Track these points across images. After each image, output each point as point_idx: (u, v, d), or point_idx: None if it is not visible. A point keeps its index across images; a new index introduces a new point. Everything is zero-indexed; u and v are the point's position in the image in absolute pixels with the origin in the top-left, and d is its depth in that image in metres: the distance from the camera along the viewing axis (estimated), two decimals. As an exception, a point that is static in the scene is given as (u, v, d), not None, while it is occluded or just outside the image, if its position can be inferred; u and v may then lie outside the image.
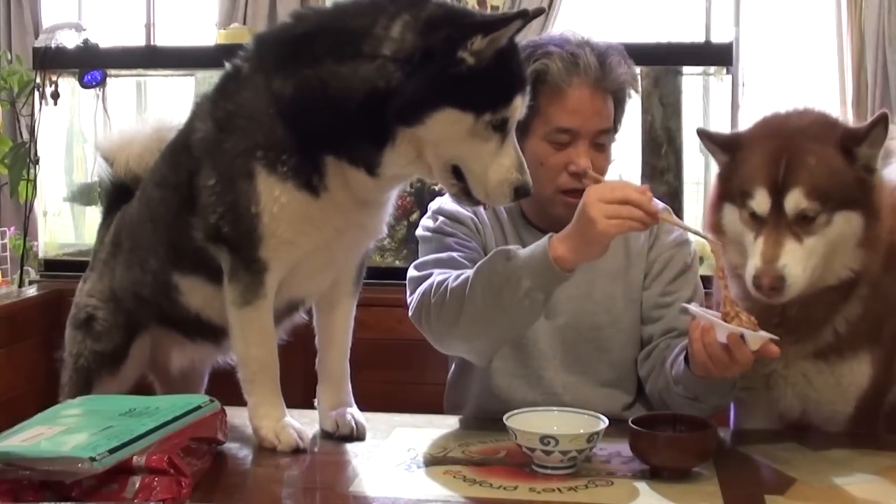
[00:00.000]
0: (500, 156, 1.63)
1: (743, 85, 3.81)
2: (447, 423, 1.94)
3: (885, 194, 1.73)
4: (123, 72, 3.48)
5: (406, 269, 1.99)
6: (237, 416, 1.82)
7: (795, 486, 1.59)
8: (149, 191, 1.97)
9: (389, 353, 2.78)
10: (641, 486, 1.58)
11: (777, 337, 1.62)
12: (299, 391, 1.96)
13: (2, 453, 1.44)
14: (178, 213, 1.82)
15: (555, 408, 1.77)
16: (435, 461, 1.70)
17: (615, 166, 2.05)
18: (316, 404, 1.89)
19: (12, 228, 3.47)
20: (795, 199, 1.64)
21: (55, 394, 2.08)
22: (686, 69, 3.26)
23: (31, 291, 3.17)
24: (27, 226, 3.31)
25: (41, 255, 3.39)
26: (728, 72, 3.19)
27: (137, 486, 1.44)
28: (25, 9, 4.56)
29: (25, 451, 1.45)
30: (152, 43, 4.54)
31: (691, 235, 2.01)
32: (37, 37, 4.00)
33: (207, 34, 4.29)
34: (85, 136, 3.58)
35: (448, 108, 1.57)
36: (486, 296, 1.76)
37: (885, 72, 4.02)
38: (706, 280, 2.09)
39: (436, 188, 2.77)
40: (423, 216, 2.09)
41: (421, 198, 3.09)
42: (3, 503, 1.42)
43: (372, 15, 1.60)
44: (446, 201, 2.05)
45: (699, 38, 3.67)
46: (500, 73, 1.60)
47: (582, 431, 1.63)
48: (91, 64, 3.30)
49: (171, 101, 3.68)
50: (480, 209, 1.97)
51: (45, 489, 1.43)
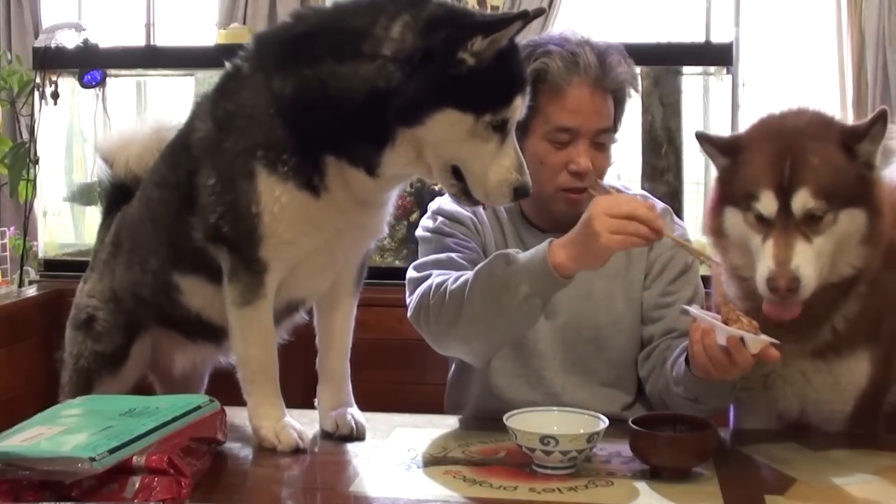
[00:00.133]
0: (500, 156, 1.63)
1: (743, 85, 3.81)
2: (447, 423, 1.94)
3: (885, 191, 1.74)
4: (123, 72, 3.48)
5: (406, 269, 1.99)
6: (237, 416, 1.82)
7: (795, 486, 1.59)
8: (149, 190, 1.97)
9: (389, 353, 2.78)
10: (641, 486, 1.58)
11: (777, 341, 1.62)
12: (299, 391, 1.96)
13: (2, 453, 1.44)
14: (178, 212, 1.82)
15: (555, 408, 1.77)
16: (435, 461, 1.69)
17: (615, 166, 2.05)
18: (316, 404, 1.89)
19: (12, 228, 3.47)
20: (803, 199, 1.64)
21: (55, 394, 2.08)
22: (686, 69, 3.26)
23: (31, 291, 3.17)
24: (27, 226, 3.31)
25: (41, 255, 3.39)
26: (728, 72, 3.19)
27: (137, 486, 1.44)
28: (25, 9, 4.55)
29: (25, 451, 1.44)
30: (152, 43, 4.53)
31: (691, 235, 2.02)
32: (37, 37, 3.99)
33: (207, 34, 4.29)
34: (85, 136, 3.57)
35: (448, 109, 1.57)
36: (485, 299, 1.76)
37: (885, 72, 4.01)
38: (706, 280, 2.09)
39: (436, 188, 2.77)
40: (422, 216, 2.09)
41: (421, 198, 3.09)
42: (3, 503, 1.42)
43: (372, 15, 1.60)
44: (446, 201, 2.05)
45: (699, 38, 3.68)
46: (501, 74, 1.60)
47: (582, 431, 1.63)
48: (91, 64, 3.30)
49: (171, 101, 3.68)
50: (480, 209, 1.97)
51: (45, 489, 1.43)
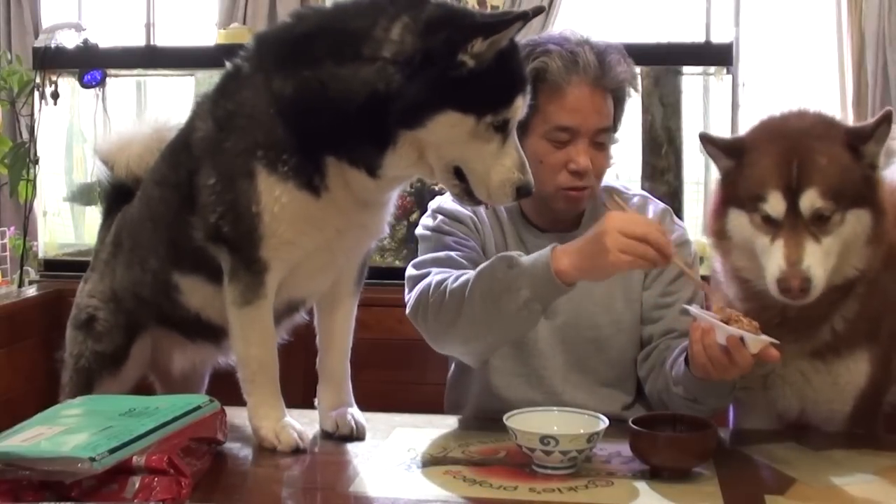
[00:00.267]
0: (502, 156, 1.63)
1: (743, 85, 3.81)
2: (447, 423, 1.94)
3: (887, 191, 1.74)
4: (123, 72, 3.48)
5: (406, 269, 1.99)
6: (237, 416, 1.81)
7: (795, 486, 1.59)
8: (149, 190, 1.97)
9: (389, 353, 2.78)
10: (641, 486, 1.58)
11: (777, 341, 1.62)
12: (299, 391, 1.96)
13: (2, 453, 1.44)
14: (179, 212, 1.82)
15: (555, 408, 1.77)
16: (435, 461, 1.69)
17: (615, 166, 2.05)
18: (316, 404, 1.89)
19: (12, 228, 3.46)
20: (811, 199, 1.64)
21: (55, 394, 2.08)
22: (686, 69, 3.27)
23: (31, 291, 3.17)
24: (27, 226, 3.31)
25: (41, 255, 3.39)
26: (728, 72, 3.20)
27: (137, 486, 1.44)
28: (25, 9, 4.55)
29: (25, 451, 1.44)
30: (152, 43, 4.53)
31: (691, 235, 2.03)
32: (37, 37, 4.00)
33: (207, 34, 4.29)
34: (85, 136, 3.57)
35: (449, 111, 1.57)
36: (485, 301, 1.76)
37: (885, 72, 4.02)
38: (706, 280, 2.08)
39: (436, 188, 2.77)
40: (423, 216, 2.09)
41: (421, 198, 3.09)
42: (3, 503, 1.42)
43: (372, 16, 1.60)
44: (446, 200, 2.05)
45: (699, 38, 3.68)
46: (501, 75, 1.60)
47: (582, 431, 1.63)
48: (91, 64, 3.30)
49: (171, 101, 3.67)
50: (480, 208, 1.97)
51: (45, 489, 1.43)
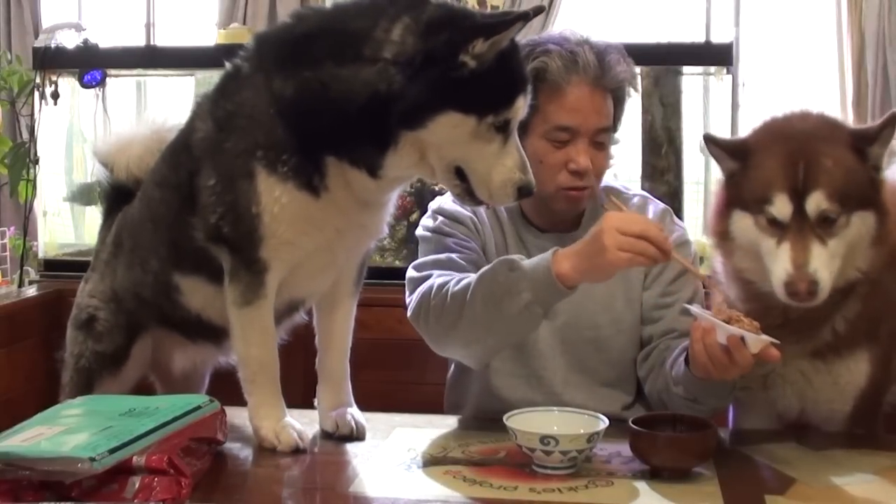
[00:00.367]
0: (503, 156, 1.63)
1: (743, 85, 3.81)
2: (447, 423, 1.94)
3: (889, 192, 1.74)
4: (123, 72, 3.48)
5: (406, 269, 1.99)
6: (237, 416, 1.82)
7: (795, 486, 1.59)
8: (149, 191, 1.97)
9: (389, 353, 2.78)
10: (641, 486, 1.58)
11: (778, 341, 1.62)
12: (299, 391, 1.96)
13: (2, 453, 1.44)
14: (179, 213, 1.82)
15: (555, 408, 1.77)
16: (435, 461, 1.70)
17: (616, 166, 2.05)
18: (316, 404, 1.89)
19: (12, 228, 3.46)
20: (817, 202, 1.64)
21: (55, 394, 2.08)
22: (686, 69, 3.27)
23: (31, 291, 3.17)
24: (27, 226, 3.31)
25: (41, 255, 3.39)
26: (728, 72, 3.20)
27: (137, 486, 1.44)
28: (25, 9, 4.55)
29: (25, 451, 1.44)
30: (152, 43, 4.53)
31: (691, 235, 2.02)
32: (37, 37, 3.99)
33: (207, 34, 4.29)
34: (85, 136, 3.57)
35: (450, 112, 1.57)
36: (487, 304, 1.76)
37: (885, 72, 4.01)
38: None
39: (436, 188, 2.77)
40: (423, 216, 2.09)
41: (421, 198, 3.09)
42: (3, 503, 1.42)
43: (372, 17, 1.60)
44: (446, 201, 2.05)
45: (699, 38, 3.68)
46: (502, 75, 1.60)
47: (582, 431, 1.63)
48: (91, 64, 3.30)
49: (171, 101, 3.68)
50: (480, 209, 1.97)
51: (45, 489, 1.43)
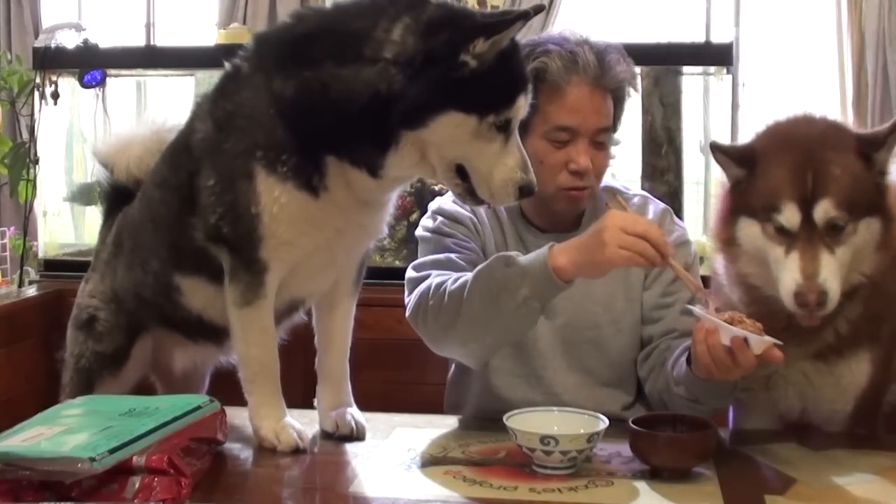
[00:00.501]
0: (505, 155, 1.63)
1: (743, 85, 3.81)
2: (447, 423, 1.94)
3: (893, 196, 1.73)
4: (123, 72, 3.48)
5: (406, 269, 1.99)
6: (237, 416, 1.82)
7: (795, 486, 1.59)
8: (149, 191, 1.97)
9: (389, 353, 2.78)
10: (641, 486, 1.58)
11: (781, 342, 1.62)
12: (299, 391, 1.96)
13: (2, 453, 1.44)
14: (179, 213, 1.82)
15: (555, 408, 1.77)
16: (435, 461, 1.70)
17: (615, 166, 2.05)
18: (316, 404, 1.89)
19: (12, 228, 3.46)
20: (826, 210, 1.63)
21: (55, 394, 2.07)
22: (686, 69, 3.27)
23: (31, 291, 3.17)
24: (27, 226, 3.31)
25: (41, 255, 3.39)
26: (728, 72, 3.19)
27: (137, 486, 1.44)
28: (25, 9, 4.55)
29: (25, 451, 1.44)
30: (152, 43, 4.53)
31: (691, 235, 2.03)
32: (37, 37, 3.99)
33: (207, 34, 4.29)
34: (85, 136, 3.57)
35: (451, 112, 1.57)
36: (484, 301, 1.76)
37: (885, 72, 4.01)
38: (706, 280, 2.08)
39: (436, 188, 2.77)
40: (423, 216, 2.09)
41: (421, 198, 3.09)
42: (3, 503, 1.42)
43: (372, 17, 1.60)
44: (446, 201, 2.05)
45: (699, 38, 3.68)
46: (503, 74, 1.60)
47: (582, 431, 1.63)
48: (91, 64, 3.30)
49: (171, 102, 3.68)
50: (480, 209, 1.97)
51: (45, 489, 1.43)
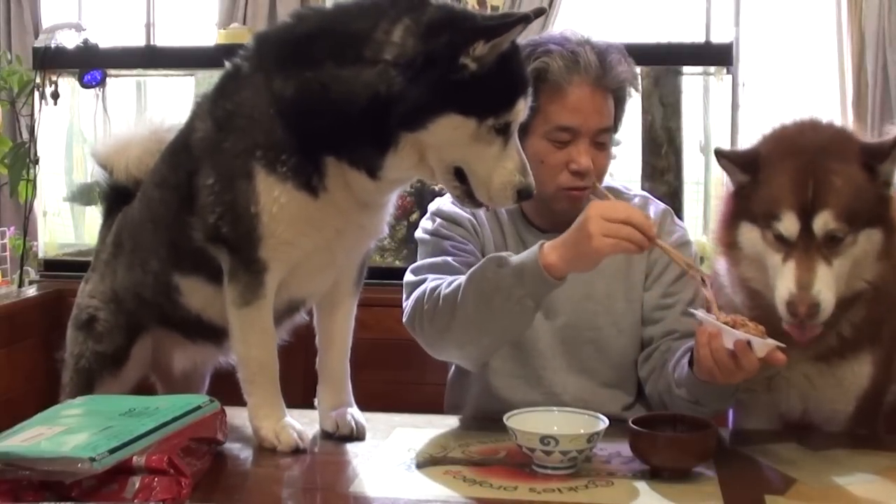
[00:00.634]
0: (503, 158, 1.63)
1: (743, 85, 3.81)
2: (447, 423, 1.94)
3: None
4: (123, 72, 3.48)
5: (406, 270, 1.99)
6: (237, 417, 1.81)
7: (795, 487, 1.59)
8: (149, 191, 1.97)
9: (389, 353, 2.78)
10: (641, 486, 1.58)
11: (784, 345, 1.62)
12: (299, 391, 1.96)
13: (2, 453, 1.44)
14: (178, 213, 1.82)
15: (555, 408, 1.77)
16: (435, 461, 1.70)
17: (615, 166, 2.05)
18: (316, 404, 1.89)
19: (12, 228, 3.46)
20: (824, 221, 1.63)
21: (55, 394, 2.08)
22: (686, 69, 3.26)
23: (31, 291, 3.17)
24: (27, 226, 3.30)
25: (41, 255, 3.38)
26: (728, 72, 3.19)
27: (137, 486, 1.45)
28: (25, 9, 4.55)
29: (25, 451, 1.45)
30: (152, 43, 4.54)
31: (691, 235, 2.02)
32: (37, 37, 4.00)
33: (207, 34, 4.29)
34: (85, 136, 3.57)
35: (451, 114, 1.57)
36: (478, 302, 1.76)
37: (885, 72, 4.02)
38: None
39: (436, 189, 2.77)
40: (422, 216, 2.09)
41: (421, 198, 3.09)
42: (3, 503, 1.42)
43: (373, 18, 1.60)
44: (445, 202, 2.05)
45: (699, 38, 3.68)
46: (503, 77, 1.60)
47: (582, 431, 1.63)
48: (91, 64, 3.30)
49: (171, 102, 3.67)
50: (480, 210, 1.97)
51: (45, 489, 1.43)
